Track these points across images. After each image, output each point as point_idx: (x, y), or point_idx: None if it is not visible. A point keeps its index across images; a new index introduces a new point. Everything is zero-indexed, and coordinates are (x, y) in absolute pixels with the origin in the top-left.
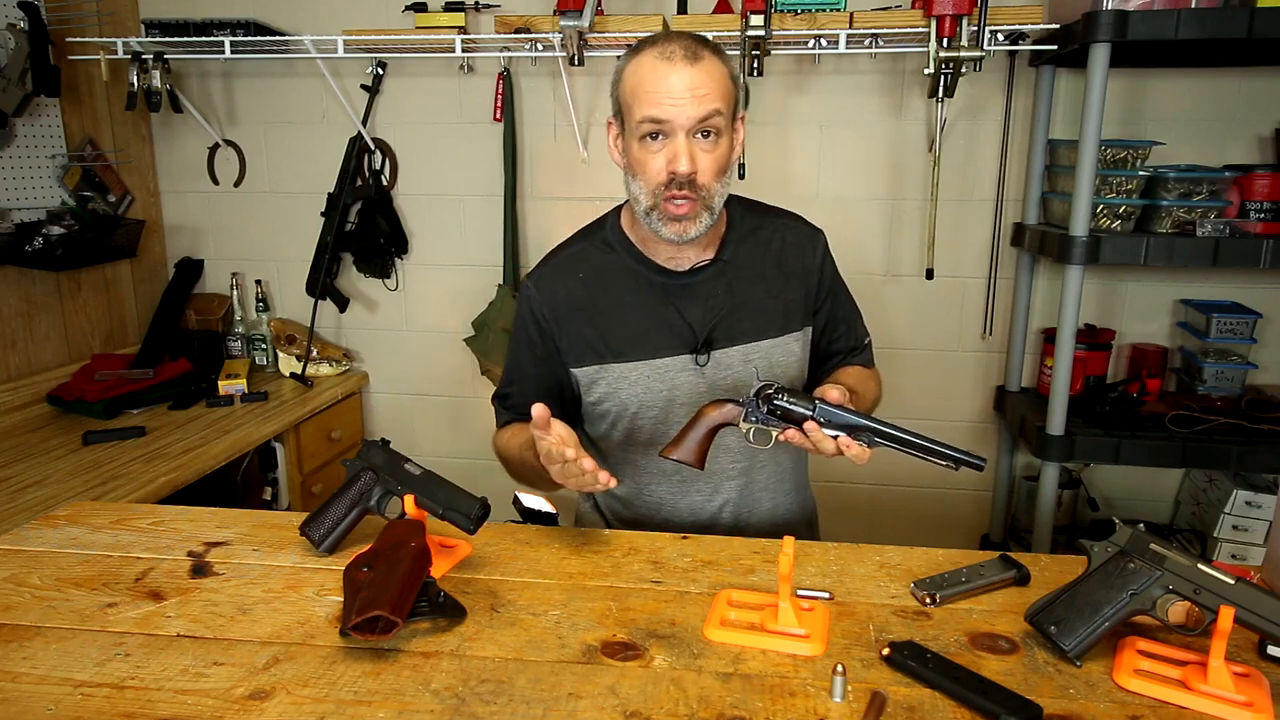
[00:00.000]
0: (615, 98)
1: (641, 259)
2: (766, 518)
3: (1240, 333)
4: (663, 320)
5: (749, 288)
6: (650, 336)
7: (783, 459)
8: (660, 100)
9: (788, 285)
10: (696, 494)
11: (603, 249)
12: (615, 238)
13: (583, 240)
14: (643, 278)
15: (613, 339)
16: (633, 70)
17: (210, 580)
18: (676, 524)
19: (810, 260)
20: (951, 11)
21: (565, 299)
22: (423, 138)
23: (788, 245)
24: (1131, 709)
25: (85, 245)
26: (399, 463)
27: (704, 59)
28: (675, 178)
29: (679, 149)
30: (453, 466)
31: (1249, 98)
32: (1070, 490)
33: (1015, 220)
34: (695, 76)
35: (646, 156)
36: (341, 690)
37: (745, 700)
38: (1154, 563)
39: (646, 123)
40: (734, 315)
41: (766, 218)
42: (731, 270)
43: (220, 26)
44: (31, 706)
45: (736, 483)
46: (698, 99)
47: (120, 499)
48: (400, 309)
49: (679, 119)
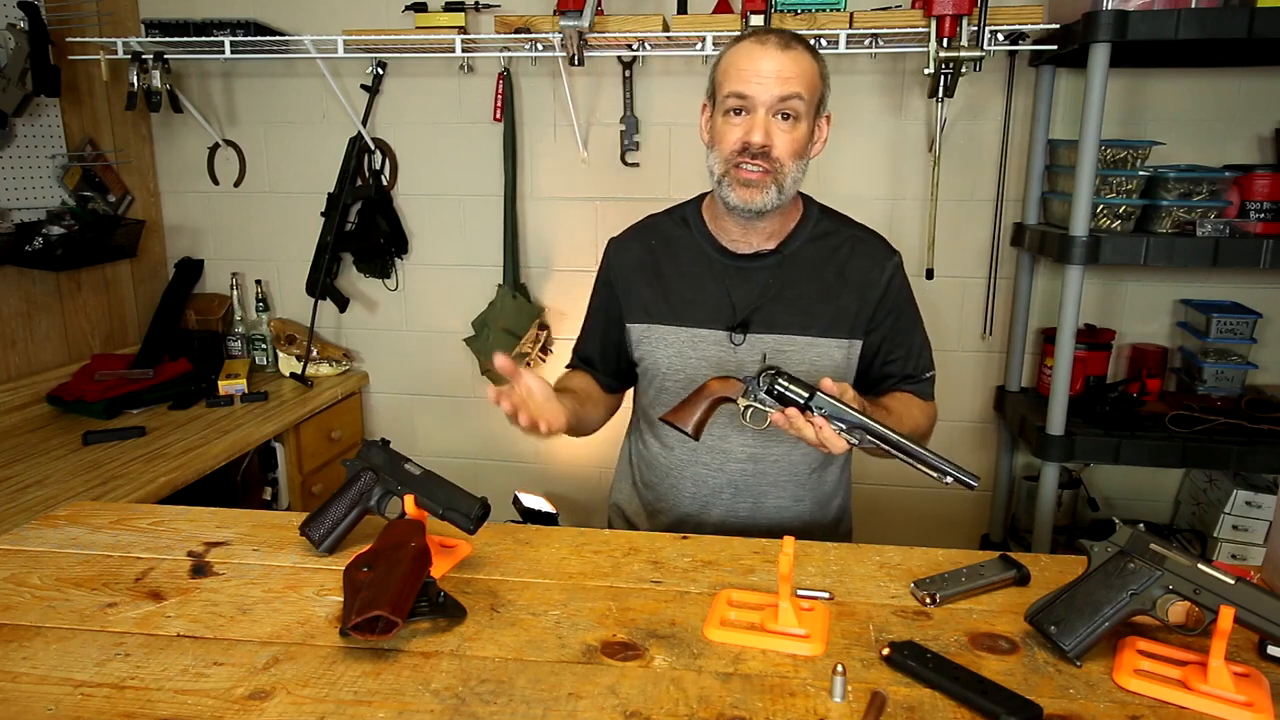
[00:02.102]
0: (711, 79)
1: (708, 237)
2: (774, 514)
3: (1240, 333)
4: (710, 294)
5: (802, 284)
6: (696, 307)
7: (797, 460)
8: (747, 78)
9: (844, 292)
10: (703, 467)
11: (678, 223)
12: (692, 215)
13: (665, 213)
14: (704, 253)
15: (664, 302)
16: (730, 53)
17: (210, 580)
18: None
19: (876, 275)
20: (951, 11)
21: (634, 260)
22: (423, 138)
23: (856, 256)
24: (1131, 709)
25: (85, 245)
26: (399, 463)
27: (795, 49)
28: (749, 147)
29: (758, 123)
30: (453, 466)
31: (1249, 98)
32: (1070, 490)
33: (1015, 220)
34: (783, 61)
35: (727, 128)
36: (341, 690)
37: (745, 700)
38: (1154, 563)
39: (731, 97)
40: (778, 305)
41: (844, 227)
42: (789, 263)
43: (220, 26)
44: (31, 706)
45: (743, 466)
46: (781, 80)
47: (120, 499)
48: (400, 309)
49: (761, 96)
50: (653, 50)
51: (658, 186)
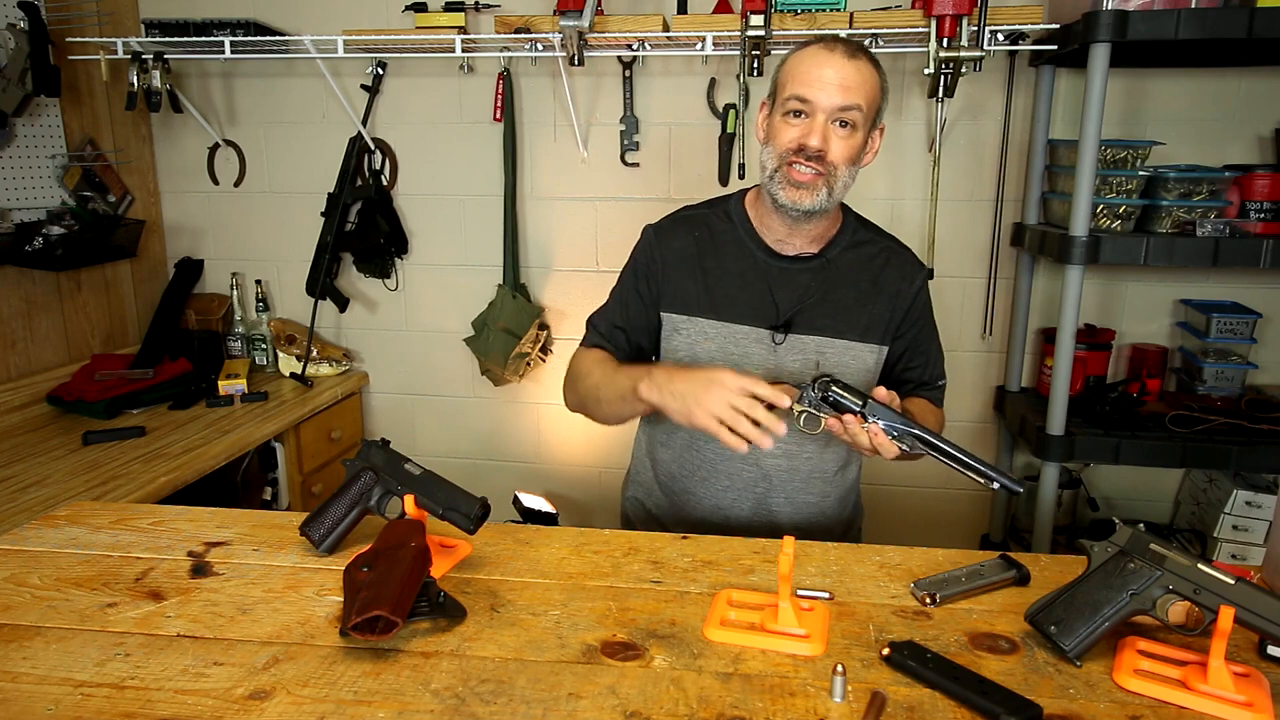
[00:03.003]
0: (774, 79)
1: (753, 236)
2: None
3: (1240, 333)
4: (755, 293)
5: (841, 289)
6: (739, 304)
7: (828, 459)
8: (811, 82)
9: (878, 300)
10: (740, 460)
11: (722, 218)
12: (736, 211)
13: (707, 207)
14: (748, 251)
15: (707, 296)
16: (797, 57)
17: (210, 580)
18: (710, 487)
19: (906, 287)
20: (951, 11)
21: (678, 250)
22: (423, 138)
23: (890, 266)
24: (1131, 709)
25: (85, 245)
26: (399, 463)
27: (860, 60)
28: (805, 148)
29: (816, 127)
30: (453, 466)
31: (1249, 98)
32: (1070, 490)
33: (1015, 220)
34: (847, 70)
35: (785, 128)
36: (341, 690)
37: (745, 700)
38: (1154, 563)
39: (793, 100)
40: (819, 308)
41: (879, 236)
42: (830, 268)
43: (220, 26)
44: (31, 706)
45: (778, 462)
46: (845, 89)
47: (120, 499)
48: (400, 309)
49: (822, 101)
50: (653, 50)
51: (658, 186)
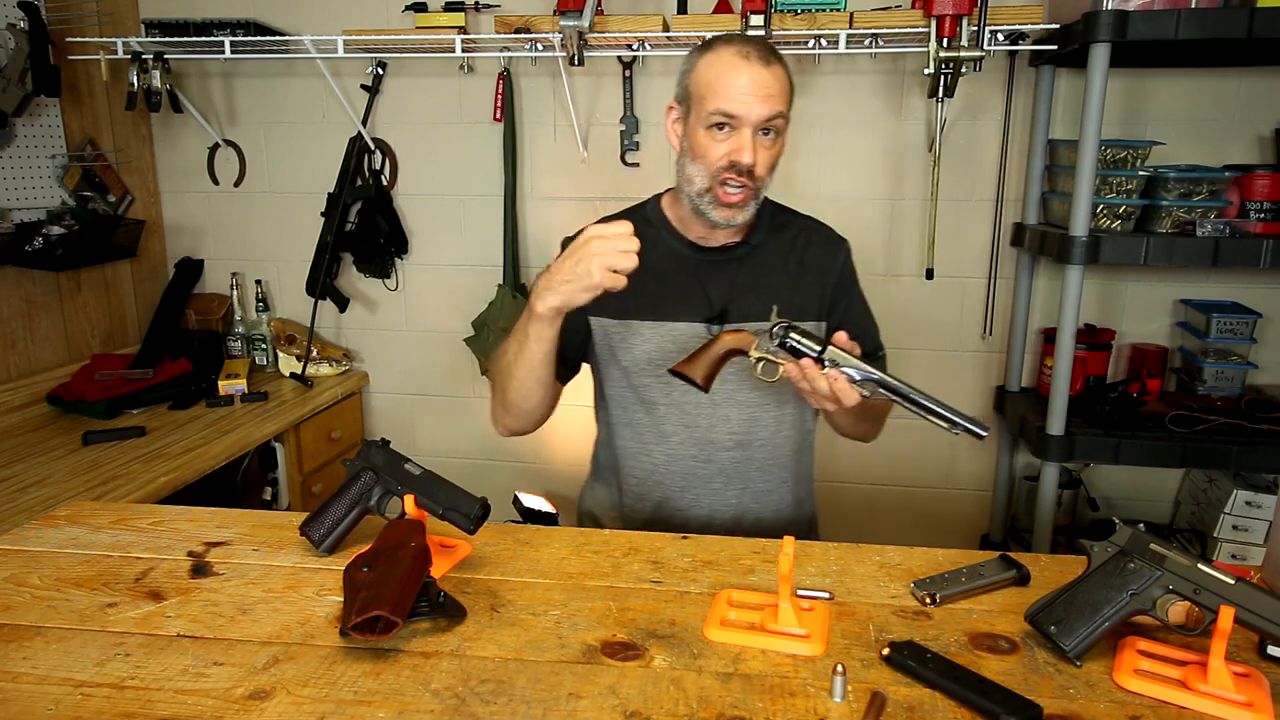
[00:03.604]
0: (684, 85)
1: (676, 235)
2: (761, 498)
3: (1240, 333)
4: (685, 289)
5: (770, 274)
6: (672, 302)
7: (781, 441)
8: (735, 96)
9: (805, 280)
10: (691, 459)
11: (641, 222)
12: (655, 216)
13: (627, 214)
14: (674, 250)
15: (639, 299)
16: (709, 63)
17: (210, 580)
18: (670, 485)
19: (831, 262)
20: (951, 11)
21: None
22: (423, 138)
23: (812, 245)
24: (1131, 709)
25: (85, 245)
26: (399, 463)
27: (775, 64)
28: (736, 165)
29: (745, 142)
30: (453, 466)
31: (1249, 98)
32: (1070, 490)
33: (1015, 220)
34: (767, 78)
35: (711, 144)
36: (341, 690)
37: (745, 700)
38: (1154, 563)
39: (718, 115)
40: (751, 294)
41: (796, 218)
42: (756, 255)
43: (220, 26)
44: (31, 706)
45: (732, 454)
46: (768, 99)
47: (120, 499)
48: (400, 309)
49: (749, 115)
50: (653, 50)
51: (658, 186)
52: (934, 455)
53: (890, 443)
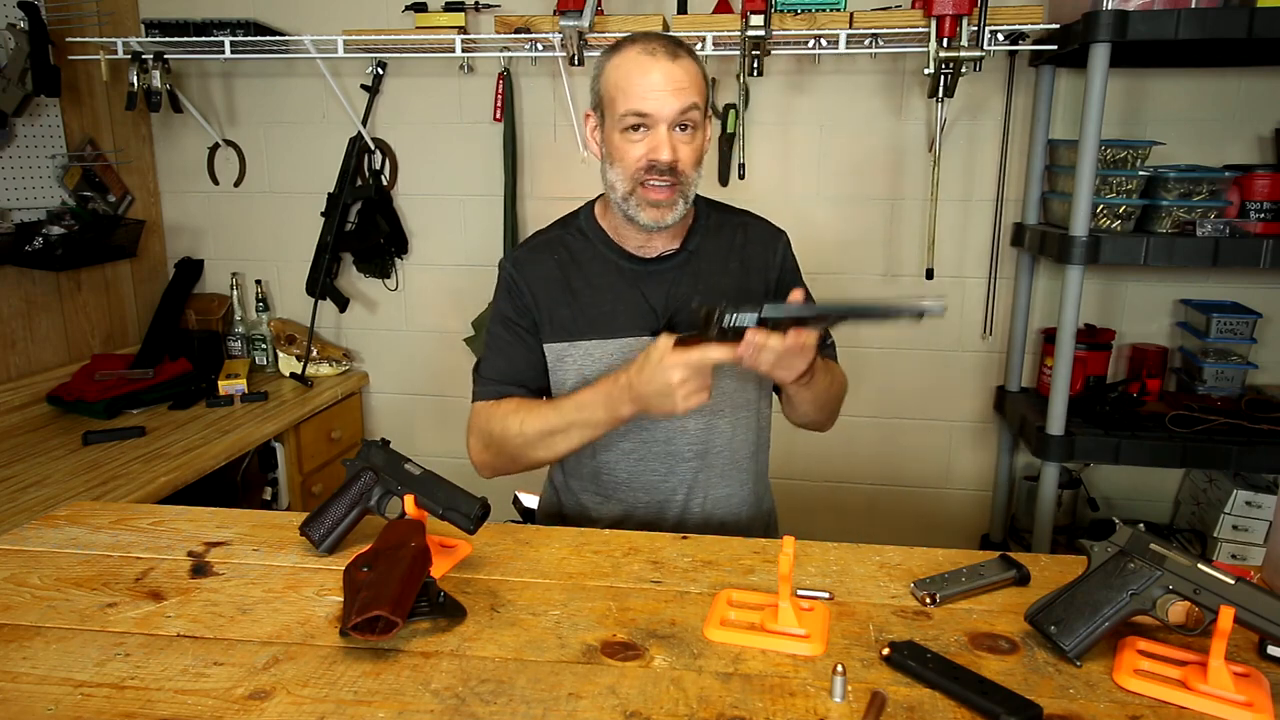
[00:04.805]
0: (596, 91)
1: (612, 246)
2: (723, 503)
3: (1240, 333)
4: (629, 303)
5: (712, 277)
6: (616, 317)
7: (739, 445)
8: (644, 94)
9: (749, 278)
10: (652, 473)
11: (576, 235)
12: (589, 226)
13: (559, 228)
14: (612, 263)
15: (582, 318)
16: (616, 65)
17: (210, 580)
18: (632, 501)
19: (771, 257)
20: (951, 11)
21: (543, 279)
22: (423, 138)
23: (750, 241)
24: (1131, 709)
25: (85, 245)
26: (399, 463)
27: (682, 56)
28: (655, 165)
29: (661, 140)
30: (452, 466)
31: (1249, 98)
32: (1070, 490)
33: (1015, 220)
34: (676, 72)
35: (628, 146)
36: (341, 690)
37: (745, 700)
38: (1154, 563)
39: (630, 115)
40: (696, 301)
41: (731, 216)
42: (696, 260)
43: (220, 26)
44: (31, 706)
45: (692, 465)
46: (679, 93)
47: (120, 499)
48: (400, 309)
49: (661, 112)
50: None
51: None
52: (934, 455)
53: (890, 443)
